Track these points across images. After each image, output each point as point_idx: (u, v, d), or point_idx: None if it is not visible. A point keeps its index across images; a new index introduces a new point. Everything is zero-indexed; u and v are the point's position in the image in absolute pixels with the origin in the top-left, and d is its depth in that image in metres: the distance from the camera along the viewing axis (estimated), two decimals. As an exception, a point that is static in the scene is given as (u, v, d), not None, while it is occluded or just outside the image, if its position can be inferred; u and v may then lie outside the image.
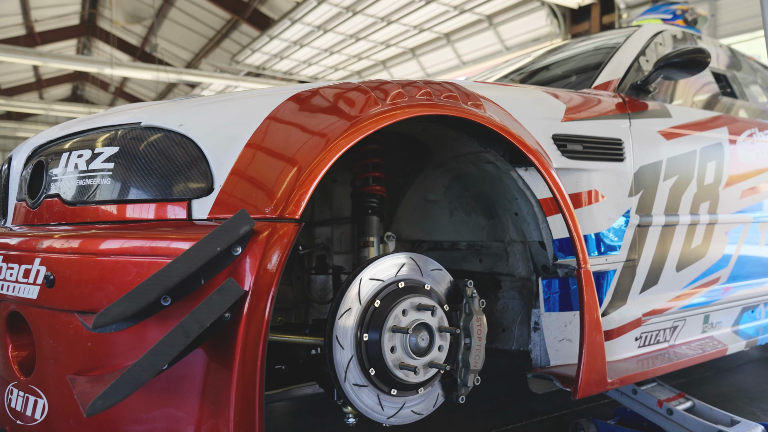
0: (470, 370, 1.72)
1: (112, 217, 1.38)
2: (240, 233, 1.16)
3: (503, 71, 3.27)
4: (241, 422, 1.17)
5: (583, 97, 2.15)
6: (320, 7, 12.43)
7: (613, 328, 2.07)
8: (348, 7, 12.62)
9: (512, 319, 2.19)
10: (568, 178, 1.95)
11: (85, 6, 19.05)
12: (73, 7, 18.92)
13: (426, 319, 1.64)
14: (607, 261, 2.04)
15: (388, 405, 1.62)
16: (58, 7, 18.30)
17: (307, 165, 1.28)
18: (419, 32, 13.78)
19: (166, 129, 1.39)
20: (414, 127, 1.84)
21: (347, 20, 13.25)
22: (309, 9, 12.54)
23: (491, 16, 12.66)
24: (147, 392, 1.24)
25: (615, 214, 2.06)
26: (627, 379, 1.93)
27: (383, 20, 13.18)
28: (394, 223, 2.25)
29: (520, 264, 2.11)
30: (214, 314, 1.11)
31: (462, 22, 13.15)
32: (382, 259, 1.67)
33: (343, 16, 13.06)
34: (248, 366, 1.17)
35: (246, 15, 15.97)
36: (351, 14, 12.87)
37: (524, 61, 3.27)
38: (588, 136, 2.01)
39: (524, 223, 2.01)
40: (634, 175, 2.13)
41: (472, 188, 2.10)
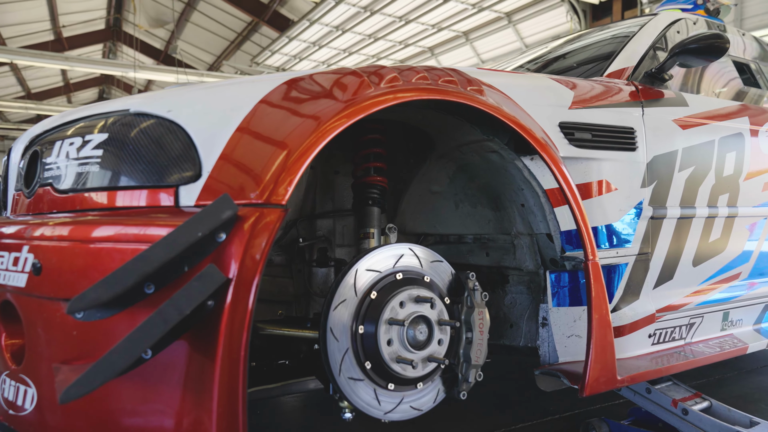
0: (472, 365, 1.66)
1: (101, 205, 1.37)
2: (222, 218, 1.13)
3: (519, 62, 3.20)
4: (224, 413, 1.13)
5: (592, 84, 2.07)
6: (338, 7, 12.44)
7: (624, 324, 1.99)
8: (366, 7, 12.61)
9: (520, 315, 2.13)
10: (576, 168, 1.88)
11: (110, 11, 19.42)
12: (98, 13, 19.30)
13: (425, 312, 1.59)
14: (618, 254, 1.96)
15: (386, 400, 1.57)
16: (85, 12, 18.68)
17: (295, 149, 1.24)
18: (437, 31, 13.70)
19: (155, 115, 1.36)
20: (415, 115, 1.79)
21: (365, 20, 13.24)
22: (327, 9, 12.57)
23: (510, 13, 12.52)
24: (131, 382, 1.21)
25: (626, 206, 1.98)
26: (639, 376, 1.85)
27: (401, 19, 13.14)
28: (398, 216, 2.21)
29: (528, 257, 2.04)
30: (194, 301, 1.07)
31: (480, 20, 13.04)
32: (380, 249, 1.62)
33: (360, 16, 13.06)
34: (232, 356, 1.13)
35: (266, 17, 16.09)
36: (369, 14, 12.86)
37: (540, 52, 3.20)
38: (597, 124, 1.93)
39: (531, 214, 1.95)
40: (647, 166, 2.04)
41: (477, 179, 2.04)
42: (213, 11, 17.23)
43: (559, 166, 1.67)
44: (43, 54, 14.77)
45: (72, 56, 16.69)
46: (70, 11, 17.97)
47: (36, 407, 1.36)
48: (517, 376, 3.00)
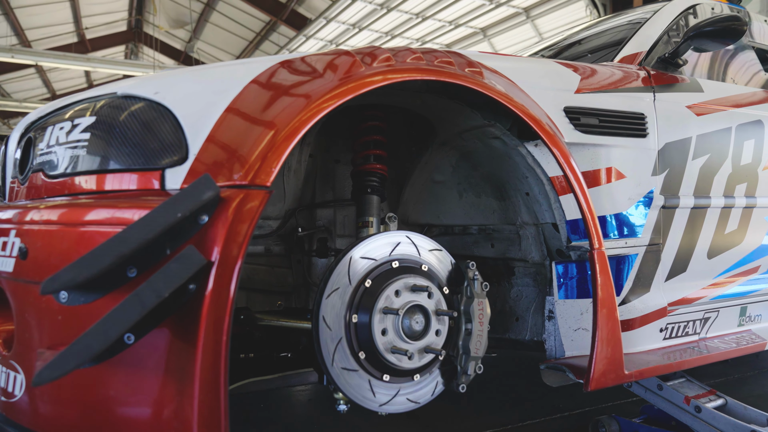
0: (471, 356, 1.60)
1: (89, 189, 1.35)
2: (203, 199, 1.09)
3: (533, 50, 3.14)
4: (205, 400, 1.10)
5: (601, 69, 2.00)
6: (355, 4, 12.43)
7: (634, 317, 1.92)
8: (382, 4, 12.57)
9: (526, 308, 2.06)
10: (583, 154, 1.81)
11: (131, 13, 19.70)
12: (120, 14, 19.59)
13: (421, 301, 1.54)
14: (627, 244, 1.88)
15: (381, 391, 1.53)
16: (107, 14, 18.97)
17: (281, 130, 1.20)
18: (455, 27, 13.60)
19: (141, 97, 1.34)
20: (414, 100, 1.75)
21: (382, 17, 13.20)
22: (344, 7, 12.56)
23: (528, 8, 12.36)
24: (115, 368, 1.19)
25: (636, 194, 1.91)
26: (648, 371, 1.77)
27: (418, 16, 13.08)
28: (401, 206, 2.16)
29: (533, 248, 1.98)
30: (172, 283, 1.04)
31: (498, 16, 12.90)
32: (376, 237, 1.58)
33: (377, 13, 13.02)
34: (213, 340, 1.10)
35: (284, 16, 16.16)
36: (385, 11, 12.82)
37: (555, 40, 3.13)
38: (605, 109, 1.86)
39: (536, 203, 1.88)
40: (658, 153, 1.97)
41: (480, 167, 1.98)
42: (232, 11, 17.36)
43: (564, 152, 1.61)
44: (66, 55, 15.04)
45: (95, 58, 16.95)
46: (93, 13, 18.26)
47: (24, 393, 1.34)
48: (526, 373, 2.93)
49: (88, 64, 15.28)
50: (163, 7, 17.60)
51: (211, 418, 1.10)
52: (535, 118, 1.56)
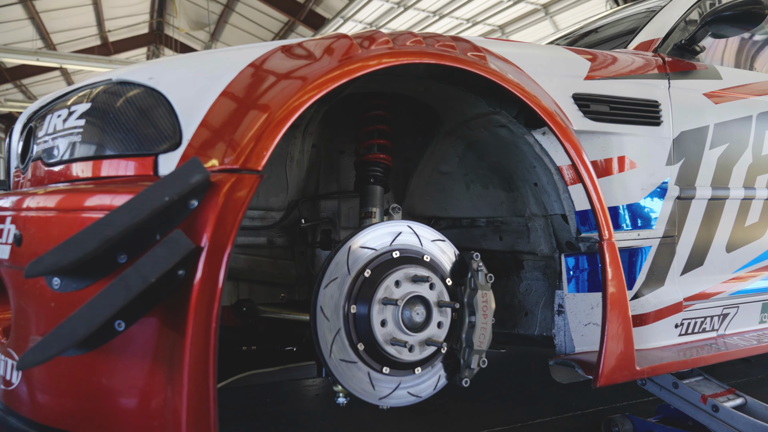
0: (474, 350, 1.56)
1: (85, 175, 1.33)
2: (191, 183, 1.07)
3: (549, 39, 3.07)
4: (194, 389, 1.08)
5: (612, 55, 1.94)
6: (372, 3, 12.40)
7: (647, 312, 1.85)
8: (399, 2, 12.53)
9: (535, 302, 2.01)
10: (593, 143, 1.75)
11: (153, 15, 19.97)
12: (142, 17, 19.87)
13: (422, 292, 1.50)
14: (640, 236, 1.82)
15: (381, 384, 1.49)
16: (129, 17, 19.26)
17: (273, 114, 1.17)
18: (472, 25, 13.49)
19: (136, 83, 1.32)
20: (416, 87, 1.70)
21: (398, 16, 13.16)
22: (361, 5, 12.55)
23: (547, 5, 12.20)
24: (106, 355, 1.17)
25: (649, 185, 1.84)
26: (661, 368, 1.70)
27: (435, 14, 13.00)
28: (407, 198, 2.12)
29: (542, 240, 1.92)
30: (159, 268, 1.02)
31: (516, 13, 12.76)
32: (376, 226, 1.54)
33: (394, 12, 12.98)
34: (202, 327, 1.07)
35: (301, 16, 16.21)
36: (402, 9, 12.77)
37: (572, 29, 3.06)
38: (616, 96, 1.80)
39: (544, 194, 1.83)
40: (673, 142, 1.89)
41: (487, 157, 1.93)
42: (250, 12, 17.48)
43: (571, 139, 1.55)
44: (89, 57, 15.31)
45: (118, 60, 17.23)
46: (115, 16, 18.56)
47: (21, 381, 1.33)
48: (539, 371, 2.86)
49: (110, 66, 15.52)
50: (184, 9, 17.80)
51: (199, 407, 1.08)
52: (541, 104, 1.51)
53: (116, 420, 1.18)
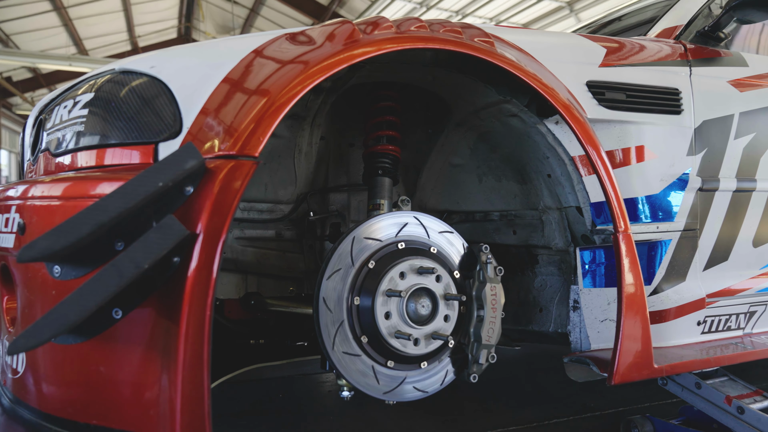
0: (482, 344, 1.51)
1: (88, 165, 1.34)
2: (186, 168, 1.06)
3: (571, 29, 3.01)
4: (188, 378, 1.06)
5: (630, 42, 1.87)
6: (394, 3, 12.39)
7: (667, 308, 1.78)
8: (422, 2, 12.49)
9: (550, 298, 1.95)
10: (609, 132, 1.69)
11: (181, 20, 20.31)
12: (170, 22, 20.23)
13: (428, 285, 1.46)
14: (659, 229, 1.75)
15: (385, 378, 1.46)
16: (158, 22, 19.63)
17: (269, 101, 1.15)
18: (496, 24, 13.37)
19: (138, 72, 1.32)
20: (425, 76, 1.67)
21: (421, 15, 13.13)
22: (383, 6, 12.55)
23: (572, 2, 12.01)
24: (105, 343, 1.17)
25: (669, 176, 1.77)
26: (681, 366, 1.63)
27: (458, 14, 12.92)
28: (418, 192, 2.08)
29: (557, 234, 1.86)
30: (152, 254, 1.01)
31: (541, 11, 12.59)
32: (381, 217, 1.51)
33: (417, 12, 12.95)
34: (196, 317, 1.06)
35: (325, 18, 16.31)
36: (425, 9, 12.73)
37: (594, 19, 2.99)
38: (633, 83, 1.73)
39: (558, 186, 1.77)
40: (694, 131, 1.82)
41: (499, 149, 1.88)
42: (275, 15, 17.65)
43: (584, 127, 1.50)
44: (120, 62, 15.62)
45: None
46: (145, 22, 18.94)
47: (25, 370, 1.34)
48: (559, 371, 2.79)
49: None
50: (210, 14, 18.07)
51: (194, 394, 1.06)
52: (553, 91, 1.46)
53: (115, 408, 1.17)
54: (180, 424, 1.07)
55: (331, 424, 2.13)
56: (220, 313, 1.83)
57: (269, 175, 1.84)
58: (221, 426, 2.02)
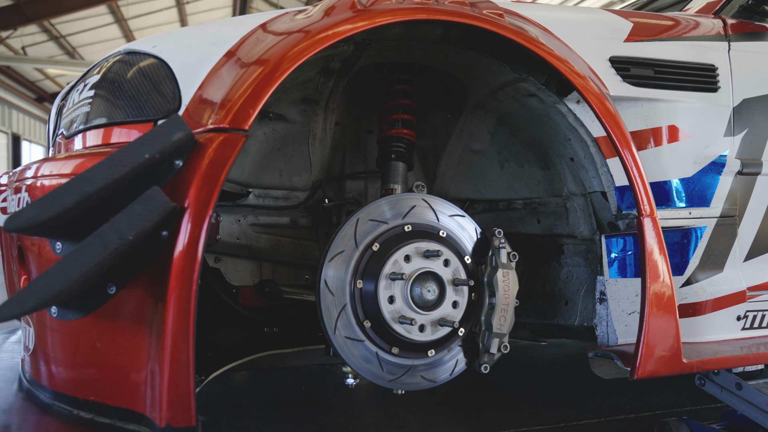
0: (494, 333, 1.44)
1: (92, 144, 1.36)
2: (172, 140, 1.05)
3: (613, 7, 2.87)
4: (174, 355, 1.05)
5: (659, 17, 1.75)
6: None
7: (702, 300, 1.65)
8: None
9: (576, 290, 1.85)
10: (635, 110, 1.59)
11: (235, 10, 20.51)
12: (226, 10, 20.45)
13: (435, 269, 1.40)
14: (692, 215, 1.62)
15: (390, 366, 1.41)
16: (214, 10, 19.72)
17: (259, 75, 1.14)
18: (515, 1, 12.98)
19: (140, 51, 1.34)
20: (436, 56, 1.61)
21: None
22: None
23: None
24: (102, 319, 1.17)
25: (703, 158, 1.64)
26: (713, 362, 1.50)
27: None
28: (438, 179, 2.02)
29: (582, 222, 1.76)
30: (136, 225, 1.00)
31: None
32: (388, 198, 1.47)
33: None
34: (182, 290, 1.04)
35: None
36: None
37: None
38: (662, 59, 1.62)
39: (582, 170, 1.68)
40: (733, 110, 1.68)
41: (520, 132, 1.80)
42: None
43: (603, 104, 1.41)
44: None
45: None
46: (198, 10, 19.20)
47: (34, 347, 1.37)
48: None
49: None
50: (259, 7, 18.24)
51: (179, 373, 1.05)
52: (565, 62, 1.37)
53: (109, 384, 1.18)
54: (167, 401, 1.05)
55: (351, 416, 2.09)
56: (234, 300, 1.83)
57: (284, 162, 1.83)
58: (240, 417, 2.02)
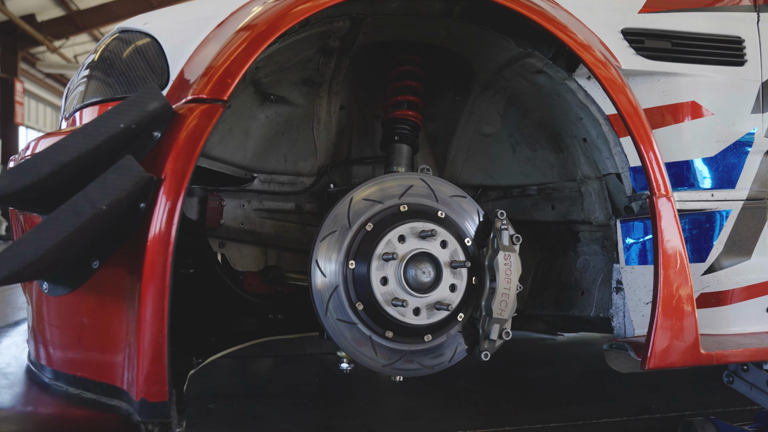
0: (493, 318, 1.37)
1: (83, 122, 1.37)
2: (148, 110, 1.03)
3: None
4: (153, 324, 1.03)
5: (682, -14, 1.64)
6: None
7: (727, 289, 1.53)
8: None
9: (593, 280, 1.76)
10: (651, 85, 1.49)
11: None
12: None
13: (431, 250, 1.34)
14: (714, 197, 1.51)
15: (384, 350, 1.36)
16: None
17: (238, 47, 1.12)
18: None
19: (133, 29, 1.34)
20: (438, 30, 1.55)
21: None
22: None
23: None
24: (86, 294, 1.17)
25: (728, 136, 1.53)
26: (737, 355, 1.39)
27: None
28: (449, 165, 1.96)
29: (597, 206, 1.67)
30: (109, 194, 0.99)
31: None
32: (384, 177, 1.42)
33: None
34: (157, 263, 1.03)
35: None
36: None
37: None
38: (681, 31, 1.52)
39: (595, 150, 1.59)
40: (762, 86, 1.56)
41: (531, 114, 1.72)
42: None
43: (612, 76, 1.32)
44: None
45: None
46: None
47: (32, 324, 1.39)
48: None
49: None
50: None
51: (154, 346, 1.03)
52: (565, 29, 1.30)
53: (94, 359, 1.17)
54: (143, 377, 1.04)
55: (361, 408, 2.05)
56: (240, 286, 1.82)
57: (288, 146, 1.81)
58: (253, 405, 2.01)
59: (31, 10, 12.40)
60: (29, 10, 12.35)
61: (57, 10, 12.69)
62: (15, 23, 12.10)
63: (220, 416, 1.90)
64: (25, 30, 12.33)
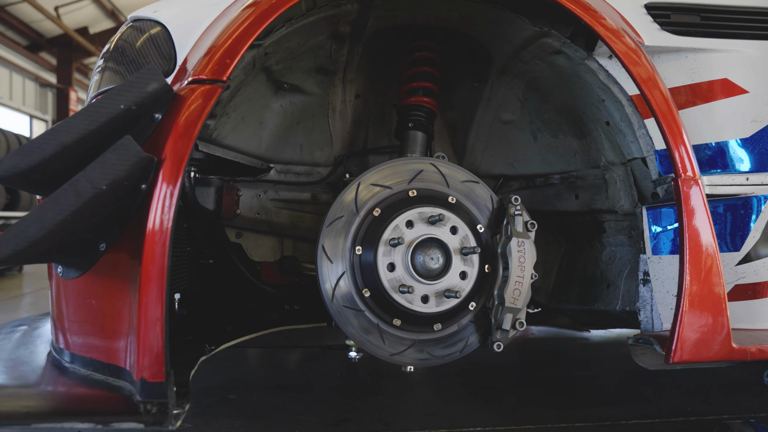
0: (506, 308, 1.32)
1: (102, 112, 1.39)
2: (148, 90, 1.04)
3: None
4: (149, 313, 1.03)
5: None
6: None
7: (765, 280, 1.42)
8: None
9: (619, 272, 1.67)
10: (677, 63, 1.41)
11: None
12: None
13: (440, 236, 1.30)
14: (749, 181, 1.41)
15: (392, 339, 1.33)
16: None
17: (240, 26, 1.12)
18: None
19: (144, 18, 1.36)
20: (450, 13, 1.51)
21: None
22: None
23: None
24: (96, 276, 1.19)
25: (765, 116, 1.42)
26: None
27: None
28: (468, 154, 1.91)
29: (622, 194, 1.59)
30: (109, 174, 0.99)
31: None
32: (393, 162, 1.39)
33: None
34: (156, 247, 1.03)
35: None
36: None
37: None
38: (710, 4, 1.43)
39: (619, 134, 1.51)
40: (803, 61, 1.45)
41: (551, 97, 1.66)
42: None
43: (635, 55, 1.25)
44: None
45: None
46: None
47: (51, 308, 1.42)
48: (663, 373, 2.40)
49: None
50: None
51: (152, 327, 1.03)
52: (587, 8, 1.23)
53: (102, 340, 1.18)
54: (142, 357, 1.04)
55: (380, 402, 2.02)
56: (257, 276, 1.82)
57: (304, 136, 1.80)
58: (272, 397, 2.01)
59: (85, 23, 13.19)
60: (83, 23, 13.12)
61: (108, 22, 13.47)
62: (70, 36, 12.80)
63: (240, 405, 1.91)
64: (79, 42, 13.03)
